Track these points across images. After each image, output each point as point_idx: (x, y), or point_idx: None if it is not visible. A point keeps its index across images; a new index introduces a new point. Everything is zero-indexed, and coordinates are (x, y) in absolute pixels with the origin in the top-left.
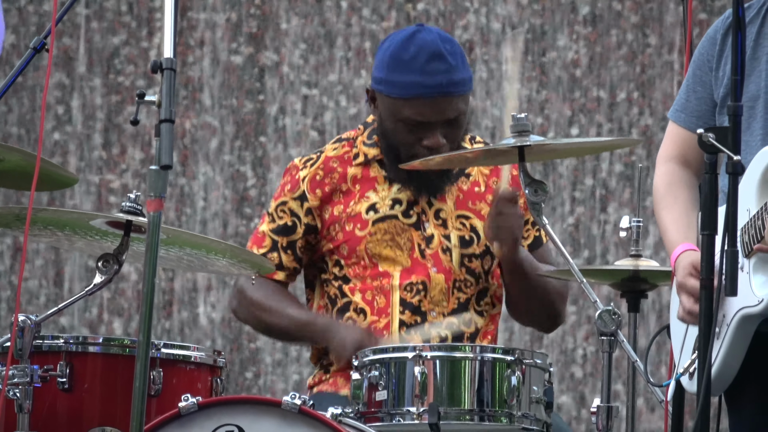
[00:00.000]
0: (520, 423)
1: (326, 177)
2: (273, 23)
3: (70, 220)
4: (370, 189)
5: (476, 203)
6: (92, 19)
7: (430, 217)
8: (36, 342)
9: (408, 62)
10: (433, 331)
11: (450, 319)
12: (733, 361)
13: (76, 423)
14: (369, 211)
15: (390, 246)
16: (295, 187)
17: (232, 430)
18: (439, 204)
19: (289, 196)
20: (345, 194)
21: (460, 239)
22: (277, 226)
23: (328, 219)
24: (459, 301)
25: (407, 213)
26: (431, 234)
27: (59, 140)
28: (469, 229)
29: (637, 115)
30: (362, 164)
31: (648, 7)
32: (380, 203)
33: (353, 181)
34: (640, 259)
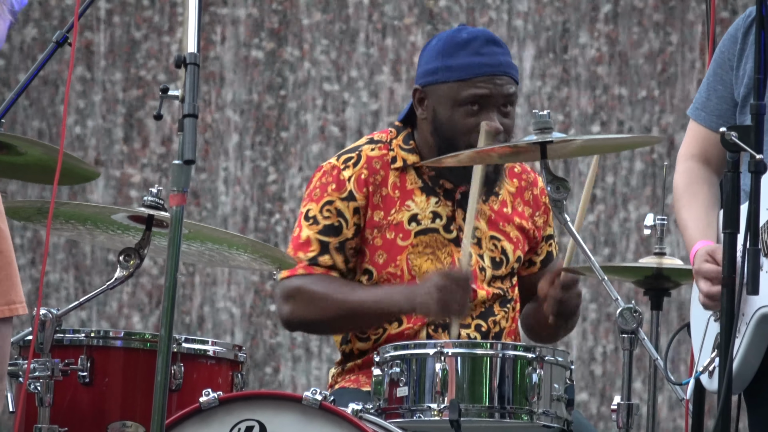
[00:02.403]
0: (540, 420)
1: (371, 177)
2: (295, 19)
3: (92, 214)
4: (408, 199)
5: (505, 226)
6: (114, 14)
7: (461, 256)
8: (57, 336)
9: (465, 45)
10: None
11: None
12: (752, 360)
13: (96, 417)
14: (411, 222)
15: (431, 259)
16: (341, 187)
17: (253, 425)
18: (475, 222)
19: (336, 196)
20: (385, 199)
21: (492, 260)
22: (324, 227)
23: (368, 222)
24: (486, 306)
25: (448, 228)
26: (469, 252)
27: (80, 134)
28: (500, 252)
29: (658, 113)
30: (399, 170)
31: (670, 5)
32: (421, 215)
33: (393, 188)
34: (663, 257)
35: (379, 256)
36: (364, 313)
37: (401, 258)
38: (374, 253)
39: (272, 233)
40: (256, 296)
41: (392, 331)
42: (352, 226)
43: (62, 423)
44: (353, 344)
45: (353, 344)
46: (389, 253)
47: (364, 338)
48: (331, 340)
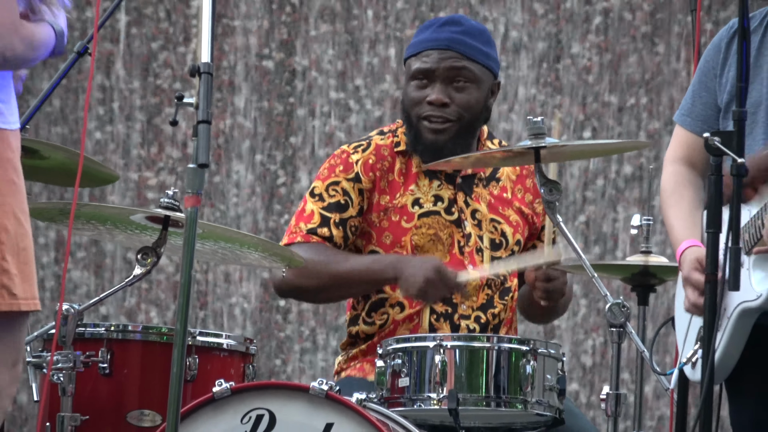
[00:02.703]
0: (534, 409)
1: (378, 162)
2: (303, 30)
3: (112, 215)
4: (412, 183)
5: (505, 209)
6: (132, 26)
7: (467, 216)
8: (79, 330)
9: (430, 25)
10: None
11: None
12: (733, 351)
13: (116, 406)
14: (414, 205)
15: (433, 240)
16: (348, 168)
17: (263, 413)
18: (475, 205)
19: (342, 177)
20: (391, 184)
21: (491, 242)
22: (329, 203)
23: (374, 206)
24: (487, 297)
25: (449, 210)
26: (469, 233)
27: (100, 139)
28: (499, 234)
29: (645, 119)
30: (404, 154)
31: (657, 17)
32: (423, 198)
33: (398, 173)
34: (649, 255)
35: (386, 237)
36: (353, 280)
37: (406, 239)
38: (381, 234)
39: (281, 233)
40: (266, 292)
41: (396, 317)
42: (356, 206)
43: (83, 411)
44: (359, 326)
45: (359, 326)
46: (395, 234)
47: (369, 322)
48: (337, 333)
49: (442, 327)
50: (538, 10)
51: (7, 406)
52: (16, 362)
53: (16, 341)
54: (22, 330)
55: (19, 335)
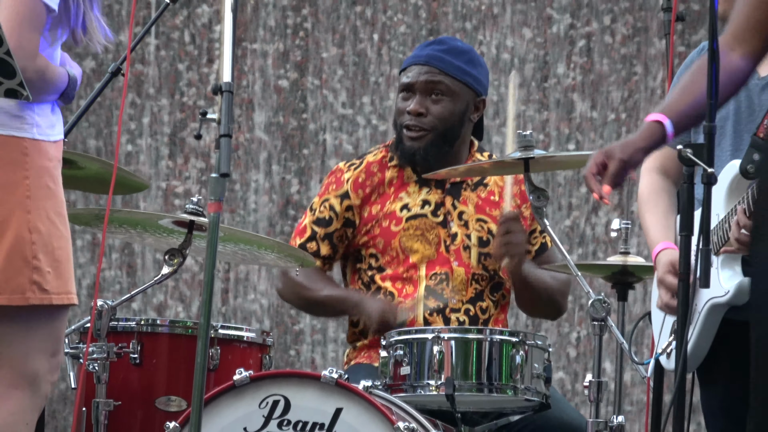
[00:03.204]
0: (523, 395)
1: (367, 179)
2: (315, 52)
3: (142, 220)
4: (402, 191)
5: (492, 210)
6: (161, 48)
7: (454, 217)
8: (112, 323)
9: (418, 47)
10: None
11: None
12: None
13: (145, 392)
14: (402, 210)
15: (420, 240)
16: (339, 186)
17: (279, 399)
18: (461, 207)
19: (333, 194)
20: (381, 196)
21: (479, 239)
22: (317, 218)
23: (367, 216)
24: (476, 291)
25: (435, 213)
26: (455, 232)
27: (131, 151)
28: (486, 232)
29: (624, 133)
30: (397, 166)
31: (635, 41)
32: (412, 203)
33: (389, 184)
34: (628, 256)
35: (379, 242)
36: (326, 306)
37: (395, 241)
38: (375, 240)
39: None
40: None
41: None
42: (341, 219)
43: (116, 398)
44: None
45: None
46: (385, 238)
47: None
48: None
49: (435, 320)
50: (527, 34)
51: (48, 393)
52: (56, 352)
53: (56, 333)
54: (61, 323)
55: (58, 328)
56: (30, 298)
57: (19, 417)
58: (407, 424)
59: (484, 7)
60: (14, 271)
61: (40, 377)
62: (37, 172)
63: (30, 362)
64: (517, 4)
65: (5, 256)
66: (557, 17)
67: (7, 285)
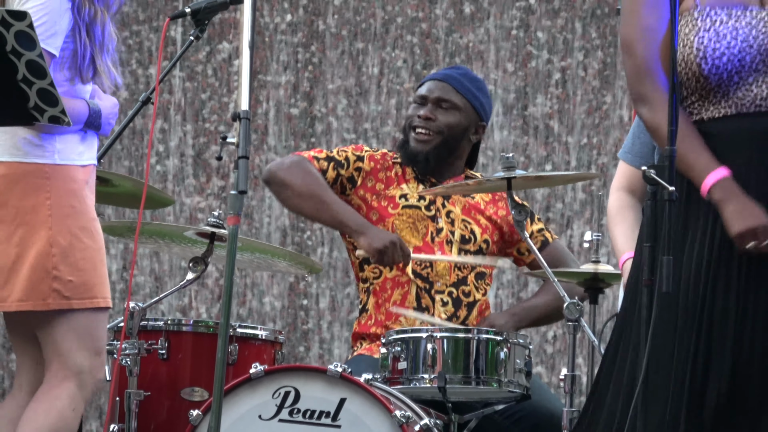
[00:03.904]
0: (507, 387)
1: (381, 160)
2: (322, 84)
3: (169, 231)
4: (404, 183)
5: (476, 215)
6: (186, 80)
7: (443, 214)
8: (142, 323)
9: (441, 71)
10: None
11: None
12: None
13: (172, 384)
14: (401, 198)
15: (410, 228)
16: (359, 150)
17: (290, 390)
18: (450, 207)
19: (351, 151)
20: (387, 178)
21: (461, 237)
22: (332, 157)
23: (370, 188)
24: (458, 277)
25: (428, 208)
26: (441, 227)
27: (160, 171)
28: (469, 231)
29: (595, 156)
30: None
31: (605, 74)
32: (410, 195)
33: (395, 174)
34: (598, 264)
35: (373, 214)
36: (326, 209)
37: (389, 221)
38: (370, 211)
39: (304, 246)
40: (292, 293)
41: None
42: (350, 171)
43: (146, 388)
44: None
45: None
46: (380, 214)
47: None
48: (349, 326)
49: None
50: (509, 68)
51: (94, 387)
52: (99, 352)
53: (96, 333)
54: (100, 324)
55: (97, 328)
56: (50, 304)
57: (68, 404)
58: (403, 413)
59: (472, 44)
60: (37, 281)
61: (85, 373)
62: (59, 193)
63: (75, 360)
64: (501, 42)
65: (30, 268)
66: (536, 53)
67: (32, 293)
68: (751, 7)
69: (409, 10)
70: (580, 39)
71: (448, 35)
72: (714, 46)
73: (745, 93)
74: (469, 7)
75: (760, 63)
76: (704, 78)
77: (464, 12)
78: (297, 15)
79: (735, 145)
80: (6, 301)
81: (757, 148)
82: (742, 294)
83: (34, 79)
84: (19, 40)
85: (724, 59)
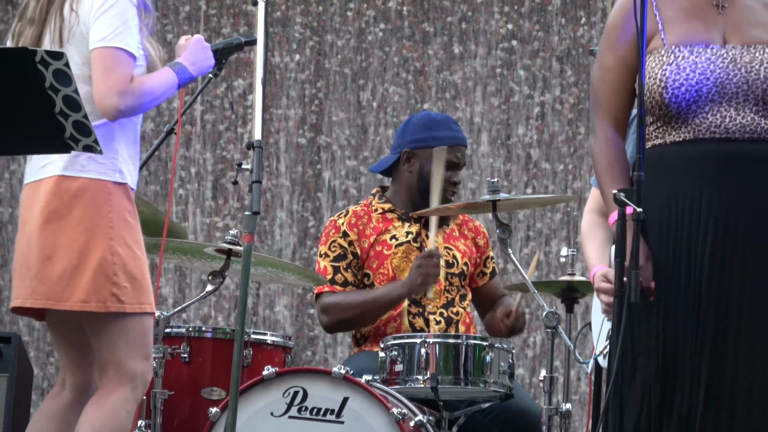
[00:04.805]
0: (492, 387)
1: (358, 221)
2: (327, 117)
3: (191, 248)
4: (389, 225)
5: (455, 242)
6: (206, 113)
7: (429, 245)
8: (167, 330)
9: (442, 123)
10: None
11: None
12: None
13: (193, 384)
14: (392, 239)
15: (405, 261)
16: (338, 230)
17: (299, 390)
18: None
19: (336, 237)
20: (374, 229)
21: (446, 262)
22: (332, 257)
23: (366, 246)
24: (447, 299)
25: (416, 240)
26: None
27: (182, 194)
28: (451, 256)
29: (571, 181)
30: (381, 213)
31: (579, 108)
32: (398, 234)
33: (377, 222)
34: (574, 277)
35: (373, 262)
36: (377, 305)
37: (387, 262)
38: (370, 261)
39: (311, 261)
40: (300, 303)
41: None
42: (350, 253)
43: (170, 388)
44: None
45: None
46: (379, 260)
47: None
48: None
49: (417, 321)
50: (494, 102)
51: (144, 390)
52: (148, 356)
53: (146, 340)
54: (149, 330)
55: (147, 335)
56: (110, 307)
57: (123, 407)
58: (400, 410)
59: (460, 81)
60: (99, 285)
61: (138, 378)
62: (118, 208)
63: (130, 366)
64: (487, 79)
65: (93, 273)
66: (518, 89)
67: (95, 295)
68: (713, 45)
69: (404, 50)
70: (557, 77)
71: (439, 73)
72: (674, 78)
73: (701, 120)
74: (458, 48)
75: (715, 94)
76: (666, 106)
77: (454, 52)
78: (304, 55)
79: (692, 167)
80: (69, 302)
81: (711, 170)
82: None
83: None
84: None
85: (682, 89)
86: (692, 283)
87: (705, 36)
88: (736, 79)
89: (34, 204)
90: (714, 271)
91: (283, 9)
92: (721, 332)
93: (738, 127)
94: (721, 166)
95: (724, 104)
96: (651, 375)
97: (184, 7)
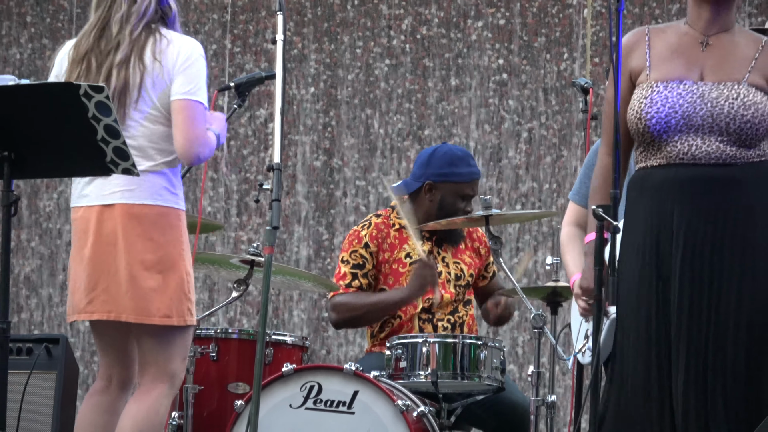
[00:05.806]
0: (486, 381)
1: (379, 233)
2: (339, 142)
3: (218, 259)
4: (405, 243)
5: (461, 255)
6: (231, 139)
7: (439, 261)
8: (197, 331)
9: (462, 158)
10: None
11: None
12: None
13: (221, 380)
14: (406, 257)
15: None
16: (360, 241)
17: (314, 384)
18: (444, 253)
19: (358, 247)
20: (390, 245)
21: (455, 275)
22: (353, 264)
23: (381, 260)
24: (452, 306)
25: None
26: (440, 271)
27: (210, 211)
28: (459, 270)
29: (555, 197)
30: (397, 229)
31: (563, 133)
32: (412, 252)
33: (394, 238)
34: (558, 282)
35: (389, 278)
36: (379, 308)
37: (402, 279)
38: (386, 277)
39: (325, 269)
40: (315, 308)
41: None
42: (370, 263)
43: (199, 383)
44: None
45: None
46: (395, 276)
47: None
48: (362, 333)
49: (426, 327)
50: (487, 129)
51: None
52: (185, 358)
53: (187, 344)
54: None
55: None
56: (188, 321)
57: (159, 402)
58: (404, 402)
59: (457, 110)
60: (178, 302)
61: (177, 376)
62: (184, 232)
63: (172, 365)
64: (480, 108)
65: (174, 290)
66: (508, 117)
67: (176, 310)
68: (686, 81)
69: (407, 83)
70: (543, 105)
71: (438, 103)
72: (647, 110)
73: (672, 147)
74: (454, 81)
75: (683, 126)
76: (644, 134)
77: (451, 85)
78: (318, 88)
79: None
80: (155, 317)
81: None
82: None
83: (110, 139)
84: (98, 108)
85: (653, 121)
86: (664, 287)
87: (683, 73)
88: (702, 112)
89: (108, 226)
90: (684, 277)
91: (300, 47)
92: (695, 326)
93: (704, 153)
94: (688, 187)
95: (691, 134)
96: (629, 366)
97: (211, 46)
